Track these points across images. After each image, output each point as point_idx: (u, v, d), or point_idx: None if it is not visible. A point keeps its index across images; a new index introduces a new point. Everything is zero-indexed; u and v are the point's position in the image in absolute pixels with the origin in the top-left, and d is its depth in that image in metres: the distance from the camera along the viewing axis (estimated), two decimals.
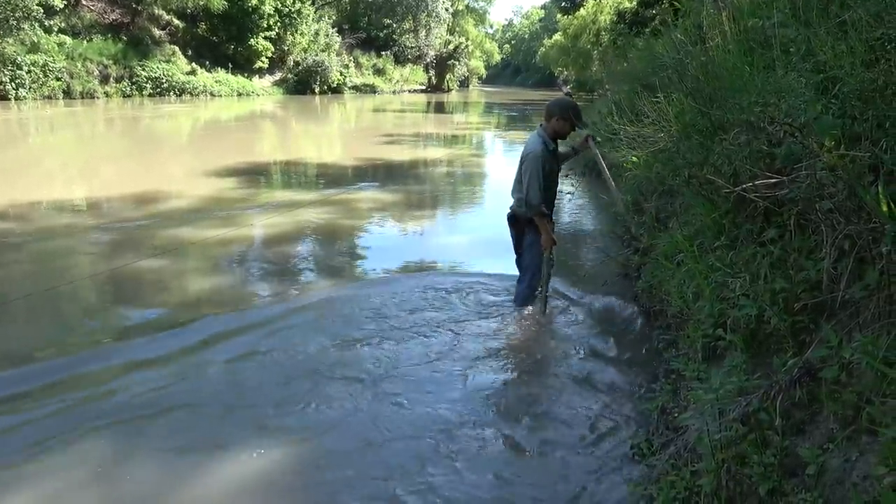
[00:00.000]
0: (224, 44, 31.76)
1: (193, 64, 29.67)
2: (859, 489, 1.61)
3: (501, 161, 14.20)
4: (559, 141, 4.32)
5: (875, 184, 1.86)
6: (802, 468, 1.80)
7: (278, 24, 33.38)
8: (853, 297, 1.97)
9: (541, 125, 4.27)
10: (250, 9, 31.15)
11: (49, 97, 22.99)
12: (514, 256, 4.61)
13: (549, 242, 4.28)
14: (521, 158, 4.24)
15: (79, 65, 24.63)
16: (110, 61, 25.97)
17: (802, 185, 2.23)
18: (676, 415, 2.70)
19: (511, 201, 4.45)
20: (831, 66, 2.33)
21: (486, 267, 5.36)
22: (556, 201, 4.53)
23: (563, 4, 38.35)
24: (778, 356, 2.17)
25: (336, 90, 37.76)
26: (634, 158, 5.12)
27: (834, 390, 1.85)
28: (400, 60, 47.53)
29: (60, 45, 24.28)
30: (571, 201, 8.67)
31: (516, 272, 4.60)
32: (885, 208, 1.73)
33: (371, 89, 41.65)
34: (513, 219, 4.47)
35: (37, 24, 22.45)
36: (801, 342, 2.19)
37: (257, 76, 34.13)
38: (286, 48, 35.03)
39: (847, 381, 1.83)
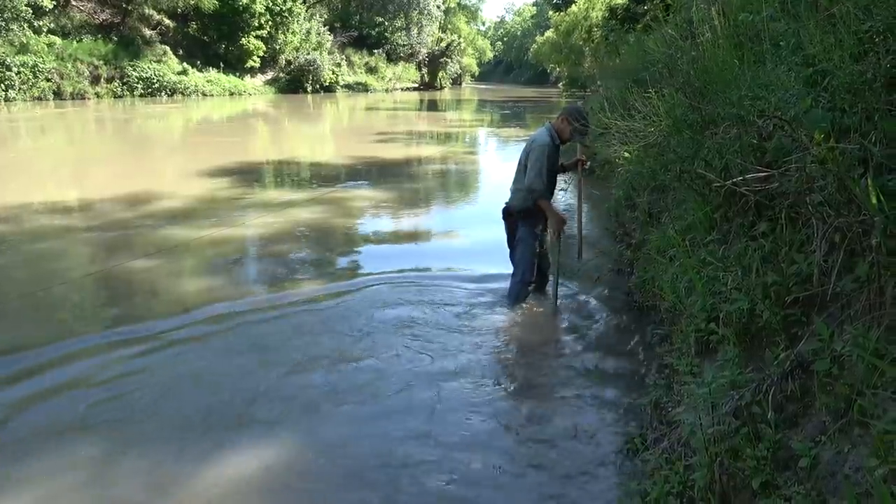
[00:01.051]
0: (215, 43, 31.64)
1: (185, 64, 29.53)
2: (851, 481, 1.61)
3: (495, 159, 14.19)
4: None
5: (864, 176, 1.86)
6: (795, 461, 1.81)
7: (269, 22, 33.26)
8: (844, 290, 1.98)
9: (550, 121, 4.39)
10: (241, 8, 31.02)
11: (39, 98, 22.86)
12: (508, 252, 4.62)
13: (560, 223, 4.31)
14: (526, 150, 4.30)
15: (69, 65, 24.48)
16: (101, 62, 25.82)
17: (793, 178, 2.24)
18: (670, 409, 2.71)
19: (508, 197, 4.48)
20: (820, 59, 2.33)
21: (478, 266, 5.35)
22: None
23: (554, 1, 38.41)
24: (770, 349, 2.17)
25: (328, 89, 37.66)
26: (626, 154, 5.13)
27: (826, 383, 1.86)
28: (392, 58, 47.43)
29: (50, 45, 24.13)
30: (564, 199, 8.68)
31: (507, 272, 4.60)
32: (874, 200, 1.74)
33: (364, 88, 41.55)
34: (506, 213, 4.50)
35: (25, 25, 22.33)
36: (792, 335, 2.19)
37: (249, 75, 34.00)
38: (278, 47, 34.89)
39: (839, 373, 1.83)
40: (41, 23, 23.86)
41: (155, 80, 27.48)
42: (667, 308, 3.40)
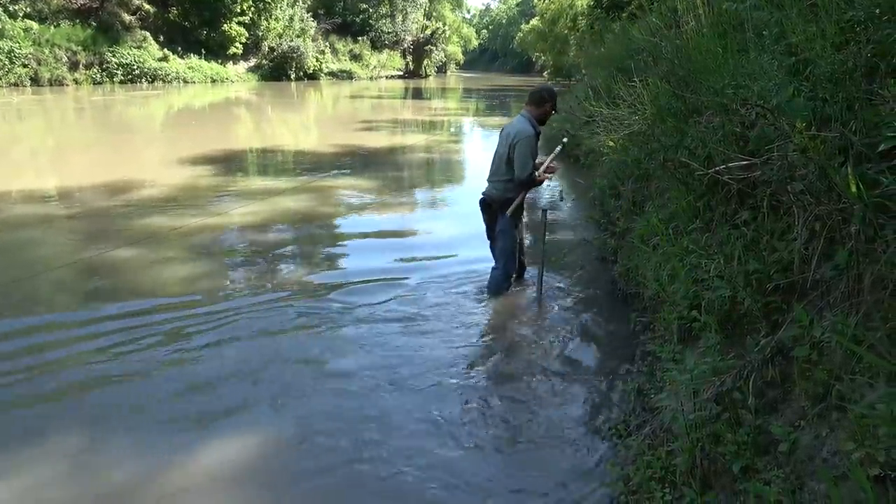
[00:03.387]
0: (196, 29, 31.14)
1: (165, 50, 29.05)
2: (829, 465, 1.64)
3: (479, 148, 14.16)
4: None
5: (845, 165, 1.88)
6: (775, 445, 1.84)
7: (252, 8, 32.80)
8: (824, 277, 2.00)
9: (526, 110, 4.31)
10: None
11: (15, 84, 22.39)
12: (489, 244, 4.60)
13: (542, 181, 4.43)
14: (510, 142, 4.22)
15: (46, 51, 23.97)
16: (79, 47, 25.32)
17: (774, 166, 2.26)
18: (652, 396, 2.74)
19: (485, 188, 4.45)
20: (803, 48, 2.35)
21: (463, 255, 5.34)
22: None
23: None
24: (751, 336, 2.20)
25: (312, 76, 37.31)
26: (611, 143, 5.14)
27: (805, 369, 1.89)
28: (377, 46, 47.06)
29: (26, 30, 23.61)
30: (549, 187, 8.69)
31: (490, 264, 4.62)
32: (854, 189, 1.76)
33: (348, 75, 41.21)
34: (485, 204, 4.45)
35: (1, 10, 21.81)
36: (773, 322, 2.22)
37: (231, 62, 33.55)
38: (260, 34, 34.45)
39: (818, 359, 1.86)
40: (17, 7, 23.35)
41: (135, 67, 27.03)
42: (650, 296, 3.43)
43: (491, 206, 4.41)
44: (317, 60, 37.85)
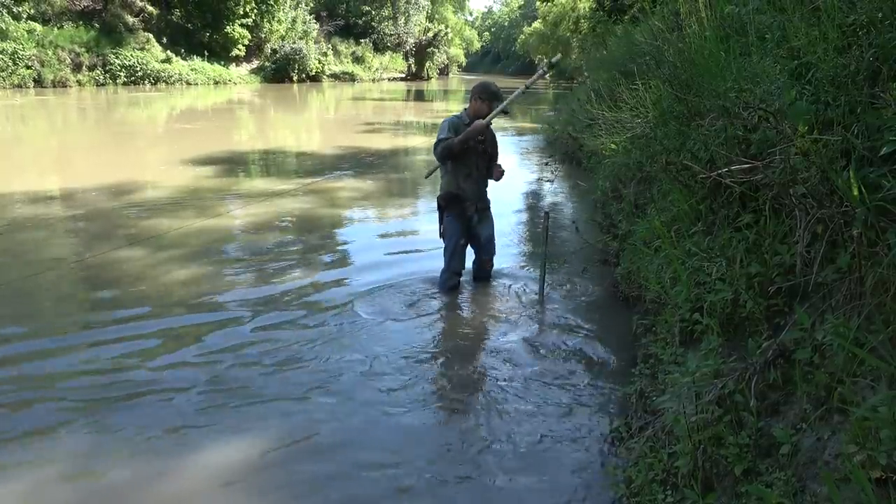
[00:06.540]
0: (199, 31, 31.23)
1: (168, 52, 29.13)
2: (831, 467, 1.64)
3: None
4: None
5: (847, 168, 1.88)
6: (776, 448, 1.84)
7: (255, 10, 32.90)
8: (826, 280, 2.01)
9: (465, 108, 4.60)
10: None
11: (19, 86, 22.49)
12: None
13: (478, 127, 4.40)
14: None
15: (49, 52, 24.08)
16: (82, 49, 25.43)
17: (777, 170, 2.26)
18: (654, 398, 2.74)
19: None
20: (805, 52, 2.36)
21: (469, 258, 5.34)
22: (533, 187, 4.56)
23: None
24: (753, 339, 2.20)
25: (314, 78, 37.37)
26: (613, 145, 5.15)
27: (807, 371, 1.89)
28: (379, 48, 47.12)
29: (30, 32, 23.73)
30: (552, 188, 8.70)
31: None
32: (855, 192, 1.76)
33: (350, 77, 41.27)
34: (438, 205, 4.73)
35: (4, 11, 21.92)
36: (775, 325, 2.23)
37: (234, 64, 33.64)
38: (263, 35, 34.55)
39: (819, 362, 1.86)
40: (21, 9, 23.45)
41: (138, 68, 27.11)
42: (652, 298, 3.43)
43: (440, 206, 4.69)
44: (319, 62, 37.88)
